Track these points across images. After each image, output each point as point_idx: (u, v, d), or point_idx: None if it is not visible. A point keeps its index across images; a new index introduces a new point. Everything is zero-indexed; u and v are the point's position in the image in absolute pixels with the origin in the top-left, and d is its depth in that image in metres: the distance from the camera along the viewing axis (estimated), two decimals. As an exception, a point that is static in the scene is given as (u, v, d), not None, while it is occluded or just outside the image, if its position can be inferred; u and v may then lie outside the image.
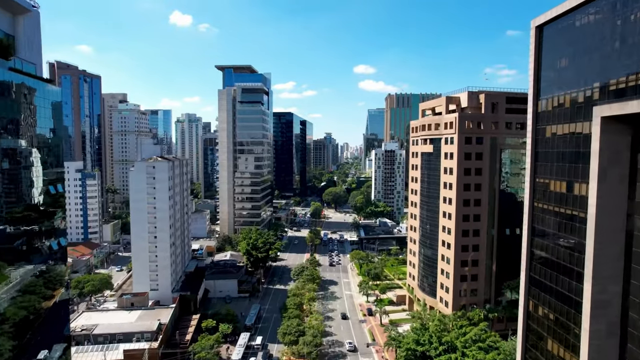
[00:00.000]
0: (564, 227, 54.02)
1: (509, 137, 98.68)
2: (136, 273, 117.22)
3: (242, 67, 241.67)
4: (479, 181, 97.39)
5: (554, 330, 55.87)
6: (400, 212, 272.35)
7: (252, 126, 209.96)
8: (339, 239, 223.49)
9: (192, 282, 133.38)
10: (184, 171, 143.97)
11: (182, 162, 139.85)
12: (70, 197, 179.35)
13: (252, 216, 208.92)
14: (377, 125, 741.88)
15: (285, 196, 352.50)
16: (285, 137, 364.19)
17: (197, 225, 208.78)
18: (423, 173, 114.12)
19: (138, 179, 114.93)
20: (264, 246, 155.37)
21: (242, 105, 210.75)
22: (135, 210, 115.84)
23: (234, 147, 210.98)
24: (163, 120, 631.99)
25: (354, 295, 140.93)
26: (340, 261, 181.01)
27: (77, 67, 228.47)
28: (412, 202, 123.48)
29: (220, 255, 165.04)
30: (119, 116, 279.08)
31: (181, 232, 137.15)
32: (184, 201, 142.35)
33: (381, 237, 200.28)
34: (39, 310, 46.92)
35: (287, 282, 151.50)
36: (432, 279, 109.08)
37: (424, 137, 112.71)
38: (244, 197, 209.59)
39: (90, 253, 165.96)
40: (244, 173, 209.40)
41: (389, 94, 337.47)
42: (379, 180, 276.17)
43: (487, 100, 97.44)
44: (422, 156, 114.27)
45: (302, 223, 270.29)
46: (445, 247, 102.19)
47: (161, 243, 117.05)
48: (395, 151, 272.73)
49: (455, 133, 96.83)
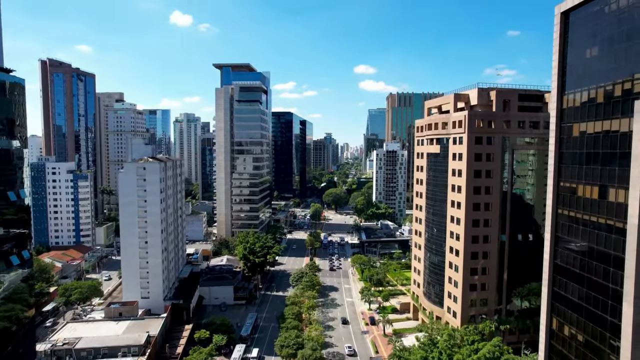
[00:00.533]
0: (597, 238, 47.72)
1: (520, 137, 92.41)
2: (126, 281, 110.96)
3: (240, 66, 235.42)
4: (490, 184, 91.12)
5: (583, 354, 49.58)
6: (402, 214, 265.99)
7: (250, 126, 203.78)
8: (339, 242, 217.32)
9: (186, 288, 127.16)
10: (178, 172, 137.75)
11: (175, 163, 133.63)
12: (61, 198, 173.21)
13: (250, 218, 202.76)
14: (377, 125, 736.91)
15: (284, 197, 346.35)
16: (285, 137, 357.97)
17: (193, 227, 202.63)
18: (429, 175, 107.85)
19: (128, 181, 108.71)
20: (261, 250, 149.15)
21: (240, 104, 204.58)
22: (125, 214, 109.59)
23: (231, 148, 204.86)
24: (162, 120, 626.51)
25: (355, 302, 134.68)
26: (341, 265, 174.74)
27: (70, 65, 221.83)
28: (417, 206, 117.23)
29: (217, 259, 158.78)
30: (114, 116, 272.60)
31: (174, 236, 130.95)
32: (178, 204, 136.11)
33: (383, 241, 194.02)
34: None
35: (285, 288, 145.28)
36: (439, 287, 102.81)
37: (430, 137, 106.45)
38: (242, 199, 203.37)
39: (82, 257, 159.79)
40: (241, 174, 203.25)
41: (390, 94, 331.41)
42: (380, 182, 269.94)
43: (499, 98, 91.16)
44: (428, 157, 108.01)
45: (301, 225, 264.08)
46: (454, 254, 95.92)
47: (152, 249, 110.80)
48: (397, 152, 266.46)
49: (464, 132, 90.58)
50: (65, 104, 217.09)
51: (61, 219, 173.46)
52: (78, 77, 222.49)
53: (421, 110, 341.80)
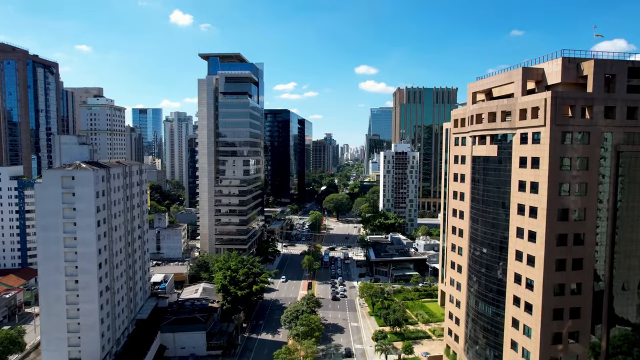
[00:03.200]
0: None
1: (628, 132, 60.55)
2: (46, 336, 78.78)
3: (229, 56, 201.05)
4: (585, 204, 59.31)
5: None
6: (413, 225, 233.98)
7: (238, 122, 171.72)
8: (342, 259, 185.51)
9: (142, 336, 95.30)
10: (136, 181, 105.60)
11: (130, 170, 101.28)
12: (2, 210, 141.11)
13: (239, 233, 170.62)
14: (380, 125, 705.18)
15: (281, 202, 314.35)
16: (282, 137, 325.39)
17: (169, 243, 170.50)
18: (476, 187, 75.94)
19: (48, 197, 76.70)
20: (245, 279, 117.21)
21: (226, 97, 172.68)
22: (45, 243, 77.49)
23: (216, 149, 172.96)
24: (152, 120, 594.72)
25: (367, 350, 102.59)
26: (346, 292, 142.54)
27: (26, 52, 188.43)
28: (455, 229, 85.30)
29: (191, 289, 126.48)
30: (87, 112, 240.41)
31: (128, 265, 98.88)
32: (134, 222, 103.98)
33: (396, 260, 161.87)
34: None
35: (277, 327, 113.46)
36: (494, 351, 70.85)
37: (478, 133, 74.54)
38: (228, 209, 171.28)
39: (22, 286, 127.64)
40: (228, 179, 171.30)
41: (398, 88, 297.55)
42: (388, 187, 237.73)
43: (598, 72, 59.21)
44: (475, 162, 76.14)
45: (299, 237, 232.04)
46: (521, 309, 64.01)
47: (85, 291, 78.75)
48: (407, 153, 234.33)
49: (543, 125, 58.75)
50: (19, 96, 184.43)
51: (2, 235, 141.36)
52: (35, 65, 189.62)
53: (432, 107, 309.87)
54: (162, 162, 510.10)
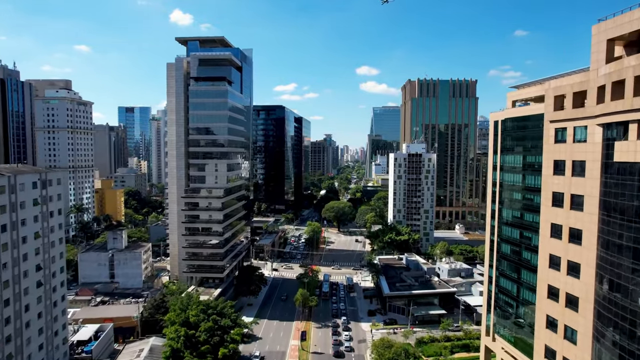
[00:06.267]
0: None
1: None
2: None
3: (211, 40, 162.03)
4: None
5: None
6: (429, 240, 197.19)
7: (214, 116, 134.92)
8: (346, 285, 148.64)
9: None
10: (33, 197, 68.57)
11: (16, 180, 64.35)
12: None
13: (214, 258, 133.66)
14: (383, 125, 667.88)
15: (275, 210, 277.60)
16: (276, 137, 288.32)
17: (126, 270, 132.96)
18: (609, 204, 39.26)
19: None
20: (209, 338, 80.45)
21: (199, 84, 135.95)
22: None
23: (186, 149, 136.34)
24: (140, 119, 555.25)
25: None
26: (352, 342, 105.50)
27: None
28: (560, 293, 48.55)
29: (134, 349, 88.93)
30: (44, 107, 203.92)
31: (16, 330, 61.94)
32: (31, 261, 66.98)
33: (417, 294, 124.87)
34: None
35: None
36: None
37: (623, 118, 37.91)
38: (201, 227, 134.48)
39: None
40: (201, 188, 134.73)
41: (409, 80, 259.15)
42: (399, 195, 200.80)
43: None
44: (607, 169, 39.51)
45: (294, 255, 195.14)
46: None
47: None
48: (422, 155, 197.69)
49: None
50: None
51: None
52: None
53: (449, 101, 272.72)
54: (149, 164, 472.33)
